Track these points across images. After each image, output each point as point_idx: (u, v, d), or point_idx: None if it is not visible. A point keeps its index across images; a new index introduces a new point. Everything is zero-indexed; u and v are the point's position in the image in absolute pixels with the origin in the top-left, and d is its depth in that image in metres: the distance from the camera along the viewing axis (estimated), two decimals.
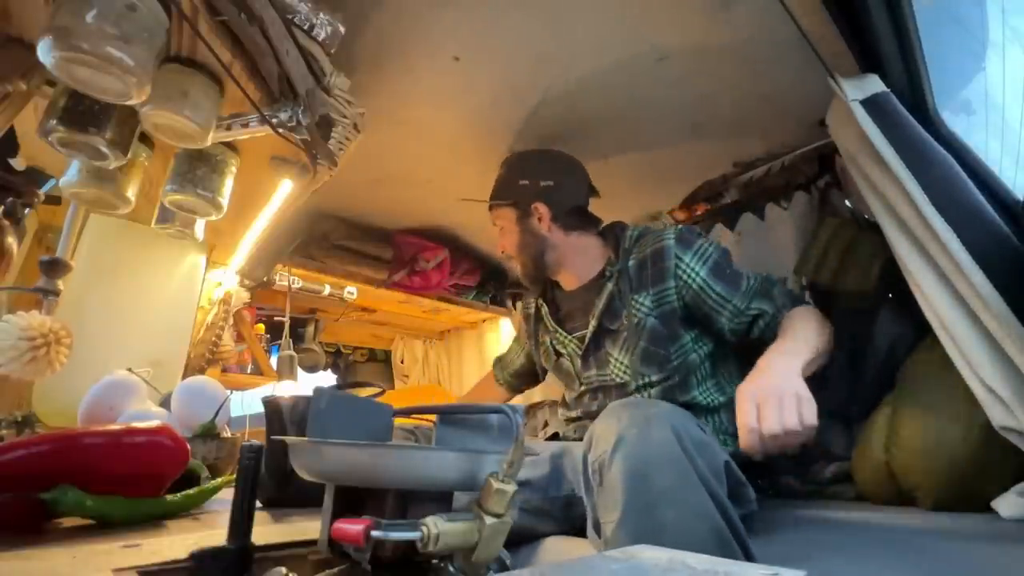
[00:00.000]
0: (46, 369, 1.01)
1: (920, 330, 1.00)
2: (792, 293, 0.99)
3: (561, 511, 0.84)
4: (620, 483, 0.64)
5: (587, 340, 1.04)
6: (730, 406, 0.96)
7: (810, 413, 0.67)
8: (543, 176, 1.13)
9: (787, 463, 1.22)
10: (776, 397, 0.68)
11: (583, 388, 1.08)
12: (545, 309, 1.16)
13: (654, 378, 0.97)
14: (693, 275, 0.96)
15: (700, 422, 0.77)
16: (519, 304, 1.31)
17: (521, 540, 0.86)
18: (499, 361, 1.44)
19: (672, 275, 0.97)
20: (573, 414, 1.11)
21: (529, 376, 1.37)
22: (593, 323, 1.03)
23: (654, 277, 0.99)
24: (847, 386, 1.18)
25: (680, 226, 1.03)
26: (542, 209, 1.11)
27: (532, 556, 0.84)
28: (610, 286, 1.02)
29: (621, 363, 1.00)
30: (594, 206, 1.21)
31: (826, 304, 1.33)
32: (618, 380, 1.01)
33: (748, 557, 0.65)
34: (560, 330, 1.11)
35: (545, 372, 1.32)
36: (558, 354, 1.13)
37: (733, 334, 0.97)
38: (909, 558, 0.68)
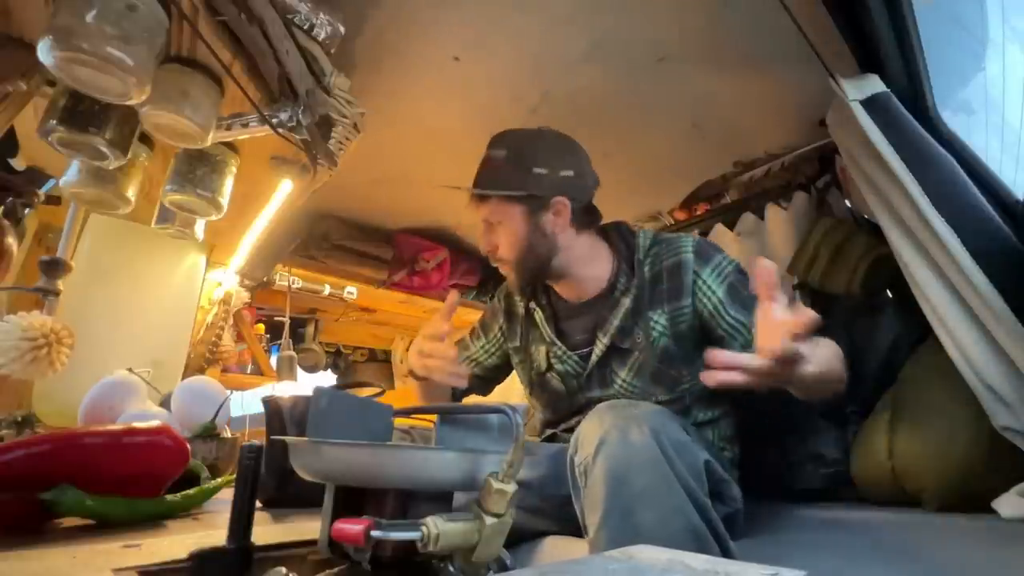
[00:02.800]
0: (47, 369, 1.01)
1: (921, 330, 1.00)
2: None
3: (558, 510, 0.84)
4: (601, 485, 0.65)
5: (593, 359, 0.94)
6: (726, 416, 0.95)
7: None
8: (563, 164, 0.93)
9: (777, 465, 1.21)
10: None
11: (582, 405, 0.98)
12: (540, 316, 1.00)
13: (662, 399, 0.90)
14: (710, 294, 0.88)
15: (683, 422, 0.77)
16: (498, 298, 1.11)
17: (519, 539, 0.87)
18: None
19: (690, 292, 0.89)
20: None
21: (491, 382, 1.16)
22: (605, 341, 0.92)
23: (670, 293, 0.90)
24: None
25: (698, 238, 0.95)
26: (562, 205, 0.92)
27: (531, 555, 0.85)
28: (627, 302, 0.92)
29: (628, 383, 0.92)
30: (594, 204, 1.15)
31: (821, 303, 1.34)
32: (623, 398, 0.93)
33: (727, 555, 0.65)
34: (558, 343, 0.97)
35: (493, 383, 1.16)
36: (550, 368, 1.00)
37: None
38: (909, 558, 0.68)
